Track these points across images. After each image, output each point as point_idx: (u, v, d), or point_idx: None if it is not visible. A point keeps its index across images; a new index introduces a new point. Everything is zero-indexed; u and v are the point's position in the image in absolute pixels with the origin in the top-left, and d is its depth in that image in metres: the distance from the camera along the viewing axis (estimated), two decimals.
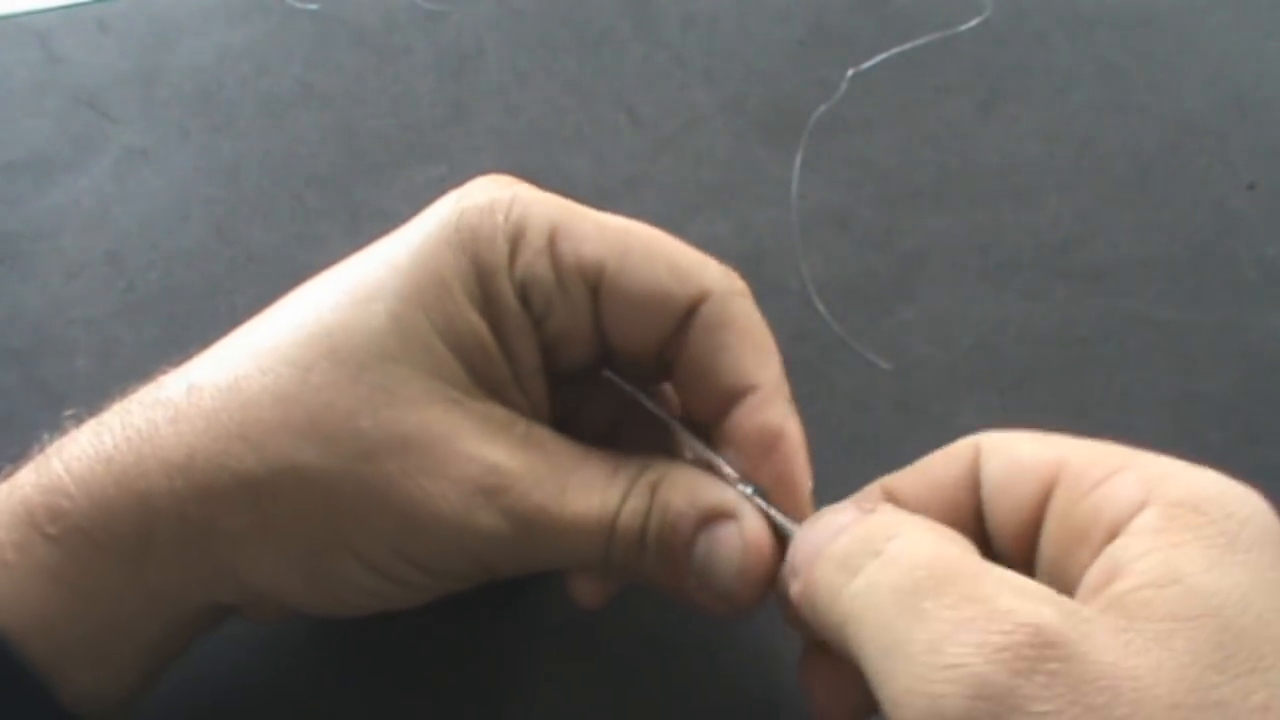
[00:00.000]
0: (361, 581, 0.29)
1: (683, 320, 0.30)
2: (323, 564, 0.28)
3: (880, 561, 0.24)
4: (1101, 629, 0.22)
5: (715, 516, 0.30)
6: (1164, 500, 0.24)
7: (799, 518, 0.30)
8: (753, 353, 0.30)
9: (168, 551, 0.28)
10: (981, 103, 0.45)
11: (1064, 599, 0.23)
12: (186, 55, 0.46)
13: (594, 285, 0.30)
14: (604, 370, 0.33)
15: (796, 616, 0.28)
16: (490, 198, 0.30)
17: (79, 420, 0.30)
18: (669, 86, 0.46)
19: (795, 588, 0.27)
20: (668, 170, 0.44)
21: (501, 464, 0.29)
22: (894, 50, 0.46)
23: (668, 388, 0.34)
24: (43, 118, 0.45)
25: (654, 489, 0.30)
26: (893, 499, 0.29)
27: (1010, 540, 0.27)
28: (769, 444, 0.30)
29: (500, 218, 0.30)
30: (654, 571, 0.30)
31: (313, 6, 0.47)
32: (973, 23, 0.46)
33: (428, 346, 0.29)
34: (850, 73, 0.45)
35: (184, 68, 0.46)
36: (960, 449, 0.29)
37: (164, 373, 0.30)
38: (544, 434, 0.30)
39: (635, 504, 0.30)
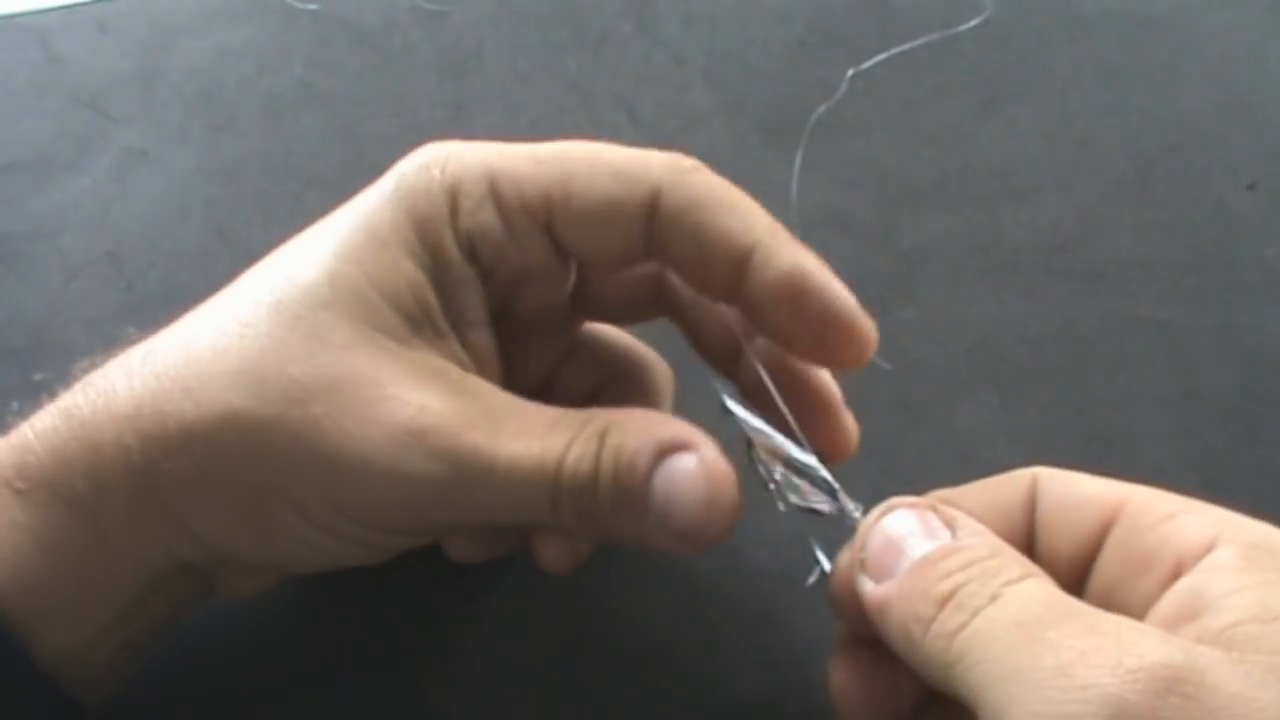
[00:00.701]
0: (301, 534, 0.29)
1: (646, 223, 0.30)
2: (263, 514, 0.29)
3: (999, 602, 0.24)
4: (1221, 661, 0.22)
5: (672, 449, 0.29)
6: (1236, 541, 0.25)
7: (865, 341, 0.29)
8: (731, 216, 0.29)
9: (118, 501, 0.28)
10: (981, 103, 0.45)
11: (1177, 637, 0.23)
12: (186, 55, 0.46)
13: (545, 221, 0.30)
14: (724, 401, 0.30)
15: (851, 607, 0.27)
16: (427, 156, 0.30)
17: (47, 386, 0.30)
18: (669, 86, 0.46)
19: (870, 588, 0.27)
20: None
21: (431, 405, 0.28)
22: (894, 50, 0.46)
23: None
24: (43, 118, 0.45)
25: (603, 435, 0.29)
26: None
27: (1062, 566, 0.27)
28: (796, 287, 0.29)
29: (436, 172, 0.30)
30: (610, 519, 0.29)
31: (313, 6, 0.47)
32: (973, 23, 0.46)
33: (362, 296, 0.29)
34: (850, 73, 0.45)
35: (184, 68, 0.46)
36: (1017, 476, 0.29)
37: (131, 343, 0.31)
38: (480, 383, 0.30)
39: (582, 448, 0.28)
